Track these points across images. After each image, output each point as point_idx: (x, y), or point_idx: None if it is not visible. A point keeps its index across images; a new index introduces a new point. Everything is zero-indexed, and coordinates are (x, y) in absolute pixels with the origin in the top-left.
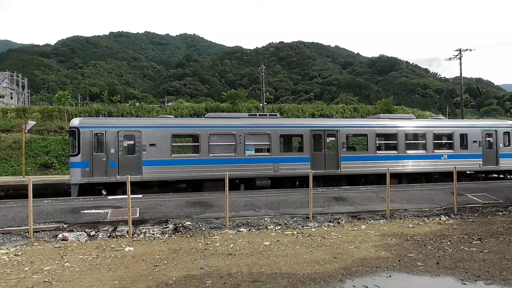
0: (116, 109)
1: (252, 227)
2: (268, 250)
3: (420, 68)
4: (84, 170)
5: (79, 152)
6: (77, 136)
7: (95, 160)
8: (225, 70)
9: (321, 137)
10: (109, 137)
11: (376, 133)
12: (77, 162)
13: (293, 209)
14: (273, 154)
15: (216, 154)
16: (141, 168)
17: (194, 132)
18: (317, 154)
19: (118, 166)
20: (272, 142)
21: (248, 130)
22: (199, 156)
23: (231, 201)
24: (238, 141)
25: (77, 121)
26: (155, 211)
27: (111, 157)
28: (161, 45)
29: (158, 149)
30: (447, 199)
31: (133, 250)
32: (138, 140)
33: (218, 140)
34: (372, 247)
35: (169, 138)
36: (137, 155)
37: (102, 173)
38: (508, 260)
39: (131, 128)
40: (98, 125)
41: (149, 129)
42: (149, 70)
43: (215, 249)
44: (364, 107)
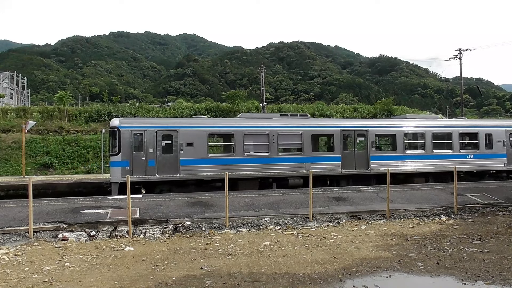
0: (116, 109)
1: (252, 227)
2: (268, 250)
3: (420, 68)
4: (124, 169)
5: (119, 152)
6: (117, 136)
7: (135, 159)
8: (225, 70)
9: (351, 137)
10: (148, 137)
11: (404, 133)
12: (117, 161)
13: (293, 209)
14: (305, 154)
15: (250, 153)
16: (178, 167)
17: (229, 132)
18: (347, 154)
19: (157, 165)
20: (304, 142)
21: (281, 130)
22: (234, 156)
23: (231, 201)
24: (272, 141)
25: (117, 121)
26: (155, 211)
27: (150, 156)
28: (161, 45)
29: (195, 149)
30: (447, 199)
31: (133, 250)
32: (175, 140)
33: (252, 140)
34: (372, 247)
35: (205, 137)
36: (174, 154)
37: (142, 172)
38: (508, 260)
39: (169, 128)
40: (137, 125)
41: (186, 129)
42: (149, 70)
43: (215, 249)
44: (364, 107)
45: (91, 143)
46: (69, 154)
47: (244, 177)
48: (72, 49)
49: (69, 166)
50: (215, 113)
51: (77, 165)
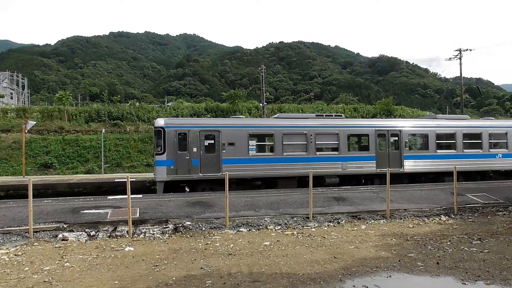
0: (116, 109)
1: (252, 227)
2: (268, 250)
3: (420, 68)
4: (169, 168)
5: (165, 151)
6: (162, 135)
7: (179, 158)
8: (225, 70)
9: (385, 136)
10: (192, 137)
11: (436, 133)
12: (162, 160)
13: (293, 209)
14: (341, 153)
15: (289, 153)
16: (220, 166)
17: (269, 131)
18: (382, 153)
19: (200, 164)
20: (340, 142)
21: (318, 130)
22: (274, 155)
23: (231, 201)
24: (309, 141)
25: (162, 121)
26: (155, 211)
27: (194, 156)
28: (161, 45)
29: (236, 148)
30: (447, 199)
31: (133, 250)
32: (217, 140)
33: (290, 140)
34: (372, 247)
35: (246, 137)
36: (217, 153)
37: (186, 171)
38: (508, 260)
39: (211, 128)
40: (181, 125)
41: (228, 128)
42: (149, 70)
43: (215, 249)
44: (364, 107)
45: (91, 143)
46: (69, 154)
47: (283, 176)
48: (72, 49)
49: (69, 166)
50: (215, 113)
51: (77, 165)
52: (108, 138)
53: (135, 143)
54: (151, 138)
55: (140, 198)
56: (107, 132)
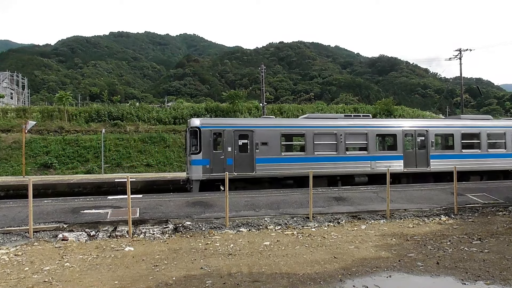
0: (116, 109)
1: (252, 227)
2: (268, 250)
3: (420, 68)
4: (205, 167)
5: (200, 150)
6: (198, 135)
7: (214, 157)
8: (225, 70)
9: (412, 136)
10: (226, 136)
11: (461, 133)
12: (198, 159)
13: (293, 209)
14: (370, 153)
15: (320, 152)
16: (254, 165)
17: (300, 131)
18: (409, 153)
19: (234, 163)
20: (369, 141)
21: (348, 130)
22: (305, 154)
23: (231, 201)
24: (339, 140)
25: (198, 122)
26: (155, 211)
27: (228, 155)
28: (161, 45)
29: (269, 148)
30: (447, 199)
31: (133, 250)
32: (251, 139)
33: (321, 139)
34: (372, 247)
35: (278, 137)
36: (250, 153)
37: (221, 170)
38: (508, 260)
39: (245, 128)
40: (216, 125)
41: (261, 128)
42: (149, 70)
43: (215, 249)
44: (364, 107)
45: (91, 143)
46: (69, 154)
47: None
48: (72, 49)
49: (69, 166)
50: (215, 113)
51: (77, 165)
52: (108, 138)
53: (135, 143)
54: (151, 138)
55: (140, 198)
56: (107, 132)
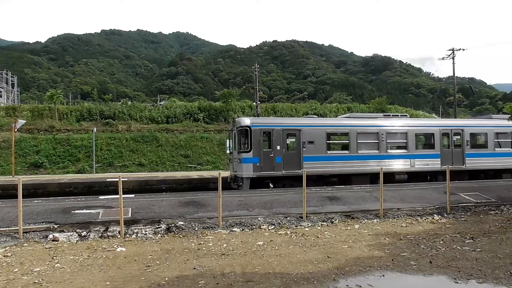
0: (108, 108)
1: (246, 227)
2: (261, 250)
3: (413, 67)
4: (255, 165)
5: (251, 149)
6: (249, 134)
7: (264, 156)
8: (218, 68)
9: (448, 135)
10: (275, 135)
11: (495, 132)
12: (249, 158)
13: (286, 209)
14: (410, 151)
15: (363, 151)
16: (301, 163)
17: (344, 130)
18: (446, 151)
19: (283, 161)
20: (408, 140)
21: (389, 129)
22: (349, 153)
23: (224, 201)
24: (381, 139)
25: (249, 121)
26: (148, 211)
27: (277, 153)
28: (154, 43)
29: (316, 146)
30: (440, 198)
31: (125, 251)
32: (298, 138)
33: (364, 138)
34: (365, 247)
35: (324, 136)
36: (297, 151)
37: (270, 168)
38: (500, 259)
39: (293, 127)
40: (266, 124)
41: (308, 128)
42: (142, 68)
43: (208, 249)
44: (357, 107)
45: (82, 142)
46: (60, 154)
47: (357, 173)
48: (63, 47)
49: (60, 165)
50: (208, 112)
51: (68, 165)
52: (99, 137)
53: (127, 142)
54: (143, 137)
55: (132, 198)
56: (98, 131)
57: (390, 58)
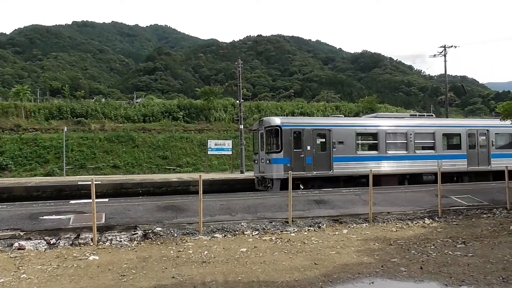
0: (79, 106)
1: (228, 233)
2: (244, 257)
3: (404, 64)
4: (286, 165)
5: (282, 149)
6: (279, 134)
7: (295, 156)
8: (199, 64)
9: (474, 136)
10: (306, 135)
11: None
12: (280, 158)
13: (271, 213)
14: (437, 152)
15: (391, 151)
16: (331, 164)
17: (373, 131)
18: (472, 152)
19: (313, 162)
20: (436, 140)
21: (417, 129)
22: (378, 153)
23: (205, 205)
24: (409, 140)
25: (279, 120)
26: (123, 216)
27: (307, 154)
28: (130, 37)
29: (345, 147)
30: (431, 202)
31: (98, 259)
32: (328, 138)
33: (392, 139)
34: (354, 252)
35: (353, 136)
36: (327, 152)
37: (301, 169)
38: (493, 264)
39: (323, 127)
40: (296, 124)
41: (338, 127)
42: (117, 63)
43: (188, 257)
44: (346, 105)
45: (51, 143)
46: (27, 155)
47: (386, 174)
48: (31, 39)
49: (27, 167)
50: (188, 110)
51: (36, 167)
52: (70, 137)
53: (100, 142)
54: (118, 137)
55: (106, 203)
56: (69, 131)
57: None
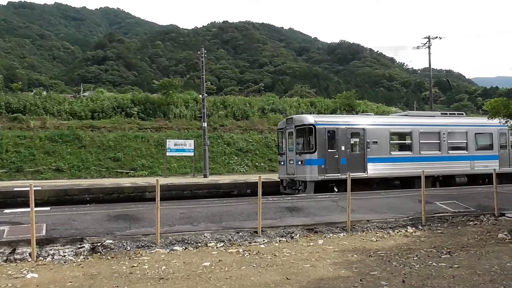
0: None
1: (189, 245)
2: (208, 272)
3: (385, 57)
4: (320, 167)
5: (316, 149)
6: (313, 133)
7: (329, 157)
8: (156, 53)
9: (505, 136)
10: (340, 135)
11: None
12: (314, 159)
13: (238, 222)
14: (470, 152)
15: (425, 152)
16: (365, 165)
17: (407, 130)
18: (503, 152)
19: (347, 163)
20: (468, 140)
21: (450, 128)
22: (412, 154)
23: (163, 214)
24: (442, 139)
25: (312, 119)
26: (67, 228)
27: (342, 154)
28: (76, 21)
29: (379, 147)
30: (415, 208)
31: (37, 277)
32: (362, 138)
33: (425, 138)
34: (330, 265)
35: (387, 136)
36: (361, 152)
37: (335, 170)
38: (480, 276)
39: (357, 126)
40: (330, 123)
41: (372, 126)
42: (60, 51)
43: (143, 273)
44: (322, 101)
45: None
46: None
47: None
48: None
49: None
50: (143, 106)
51: None
52: (5, 135)
53: (41, 142)
54: (62, 136)
55: (47, 212)
56: (4, 128)
57: (359, 45)
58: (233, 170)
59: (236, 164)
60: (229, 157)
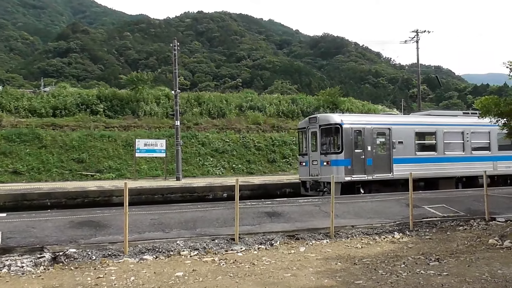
0: None
1: (160, 254)
2: (181, 282)
3: (371, 51)
4: (347, 168)
5: (342, 150)
6: (340, 133)
7: (355, 157)
8: (125, 45)
9: None
10: (366, 134)
11: None
12: (340, 160)
13: (214, 229)
14: (493, 153)
15: (449, 152)
16: (391, 165)
17: (432, 130)
18: None
19: (373, 163)
20: (491, 141)
21: (473, 128)
22: (436, 154)
23: (132, 220)
24: (466, 139)
25: (339, 118)
26: (26, 236)
27: (368, 155)
28: (36, 9)
29: (405, 147)
30: (402, 212)
31: None
32: (387, 138)
33: (449, 138)
34: (312, 274)
35: (413, 135)
36: (387, 152)
37: (361, 171)
38: (469, 284)
39: (382, 126)
40: (356, 122)
41: (397, 126)
42: (18, 42)
43: (110, 284)
44: (304, 98)
45: None
46: None
47: (444, 176)
48: None
49: None
50: (110, 102)
51: None
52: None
53: None
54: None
55: (3, 218)
56: None
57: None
58: (208, 172)
59: (211, 166)
60: (204, 158)
